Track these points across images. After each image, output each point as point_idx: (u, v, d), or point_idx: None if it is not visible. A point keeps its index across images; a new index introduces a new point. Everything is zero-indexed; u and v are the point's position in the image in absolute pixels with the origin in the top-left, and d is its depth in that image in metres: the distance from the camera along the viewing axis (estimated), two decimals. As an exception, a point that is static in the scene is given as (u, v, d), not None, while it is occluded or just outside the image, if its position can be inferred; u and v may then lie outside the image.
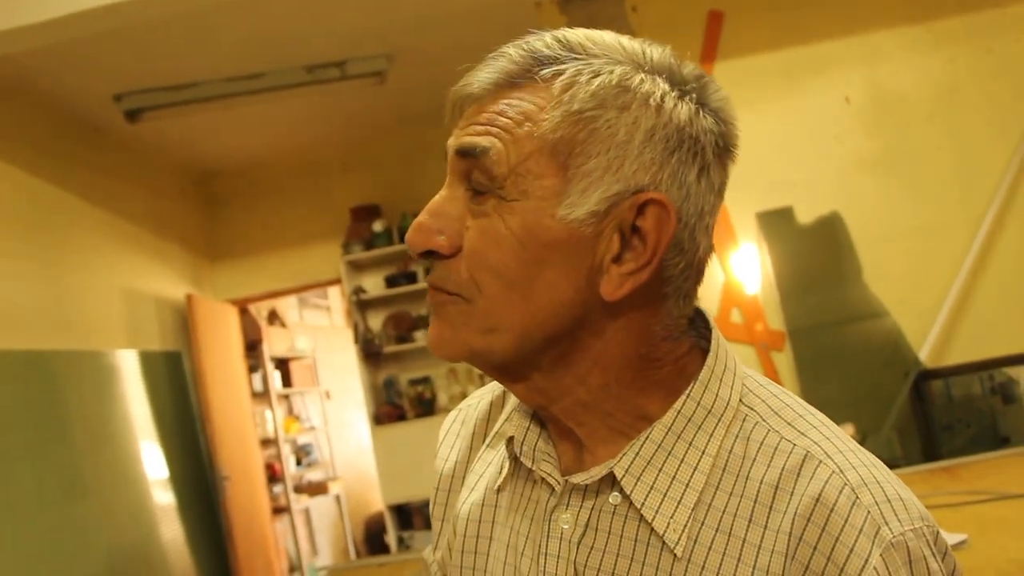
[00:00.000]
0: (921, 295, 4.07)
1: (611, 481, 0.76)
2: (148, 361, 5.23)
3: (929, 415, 3.95)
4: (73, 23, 3.61)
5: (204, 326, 5.60)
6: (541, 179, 0.71)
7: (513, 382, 0.78)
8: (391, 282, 5.91)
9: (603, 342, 0.75)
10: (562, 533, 0.78)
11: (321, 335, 8.12)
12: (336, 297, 8.42)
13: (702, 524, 0.72)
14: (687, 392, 0.76)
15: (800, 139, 4.25)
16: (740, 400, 0.77)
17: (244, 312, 6.48)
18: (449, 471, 0.96)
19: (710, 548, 0.71)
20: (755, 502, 0.71)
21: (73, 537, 4.16)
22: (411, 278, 5.87)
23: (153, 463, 5.00)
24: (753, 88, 4.26)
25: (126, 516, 4.64)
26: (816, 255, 4.18)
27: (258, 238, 6.25)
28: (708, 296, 4.14)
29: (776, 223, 4.18)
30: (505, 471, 0.86)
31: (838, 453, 0.71)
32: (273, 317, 7.08)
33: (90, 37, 3.84)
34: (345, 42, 4.67)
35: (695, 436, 0.75)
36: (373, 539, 7.53)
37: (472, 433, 0.96)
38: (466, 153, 0.72)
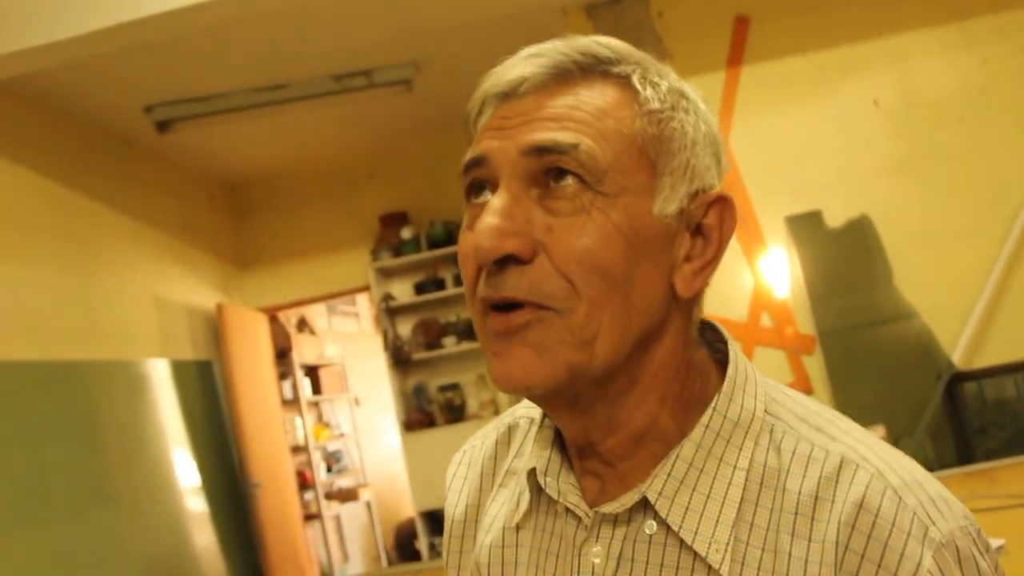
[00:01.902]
0: (953, 297, 4.04)
1: (643, 507, 0.72)
2: (179, 370, 5.28)
3: (962, 418, 3.92)
4: (103, 38, 3.65)
5: (234, 335, 5.64)
6: (636, 176, 0.69)
7: (573, 414, 0.73)
8: (420, 289, 5.93)
9: (663, 350, 0.73)
10: (593, 568, 0.73)
11: (350, 342, 8.16)
12: (364, 304, 8.45)
13: (746, 543, 0.69)
14: (712, 405, 0.73)
15: (829, 143, 4.23)
16: (765, 410, 0.75)
17: (273, 320, 6.53)
18: (460, 516, 0.91)
19: (758, 568, 0.68)
20: (796, 514, 0.69)
21: (106, 545, 4.21)
22: (440, 285, 5.89)
23: (185, 471, 5.04)
24: (781, 92, 4.25)
25: (158, 524, 4.68)
26: (846, 258, 4.16)
27: (287, 246, 6.29)
28: (738, 301, 4.13)
29: (805, 227, 4.17)
30: (523, 506, 0.80)
31: (875, 456, 0.70)
32: (302, 324, 7.13)
33: (120, 50, 3.89)
34: (372, 51, 4.69)
35: (725, 451, 0.72)
36: (404, 545, 7.53)
37: (480, 474, 0.91)
38: (547, 150, 0.68)
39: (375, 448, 8.21)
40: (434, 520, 5.82)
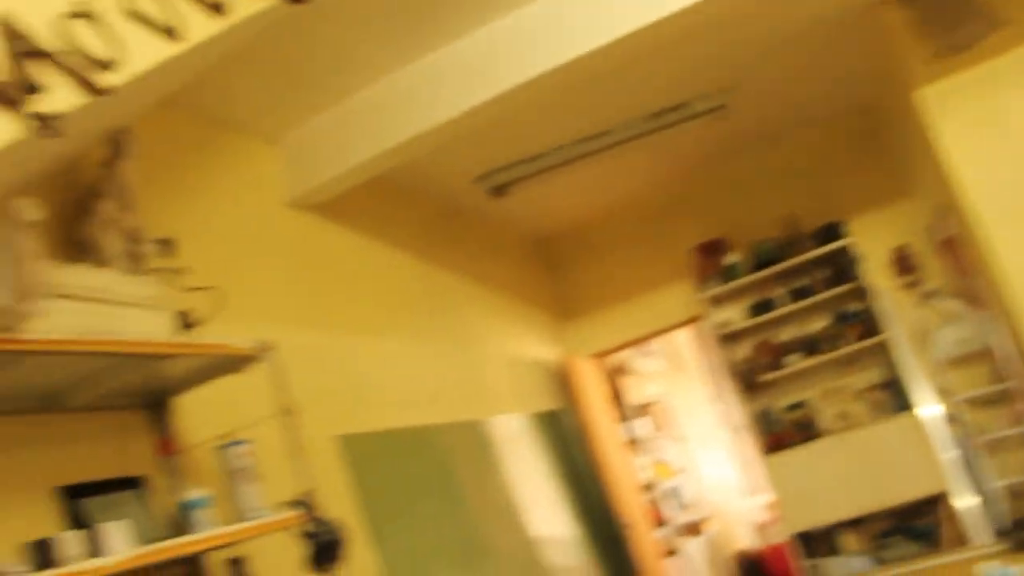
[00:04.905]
0: None
1: None
2: (536, 422, 5.48)
3: None
4: (447, 129, 3.91)
5: (579, 383, 5.83)
6: None
7: None
8: (754, 311, 5.88)
9: None
10: None
11: (662, 379, 8.21)
12: (657, 342, 8.47)
13: None
14: None
15: None
16: None
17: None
18: None
19: None
20: None
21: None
22: (770, 304, 5.82)
23: (556, 518, 5.19)
24: None
25: (533, 571, 4.77)
26: None
27: (604, 291, 6.46)
28: None
29: None
30: None
31: None
32: (622, 368, 7.25)
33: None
34: (685, 83, 4.77)
35: None
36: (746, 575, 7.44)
37: None
38: None
39: (702, 480, 8.15)
40: (808, 541, 5.67)
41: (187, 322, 2.44)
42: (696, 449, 8.23)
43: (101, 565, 1.74)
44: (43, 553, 1.74)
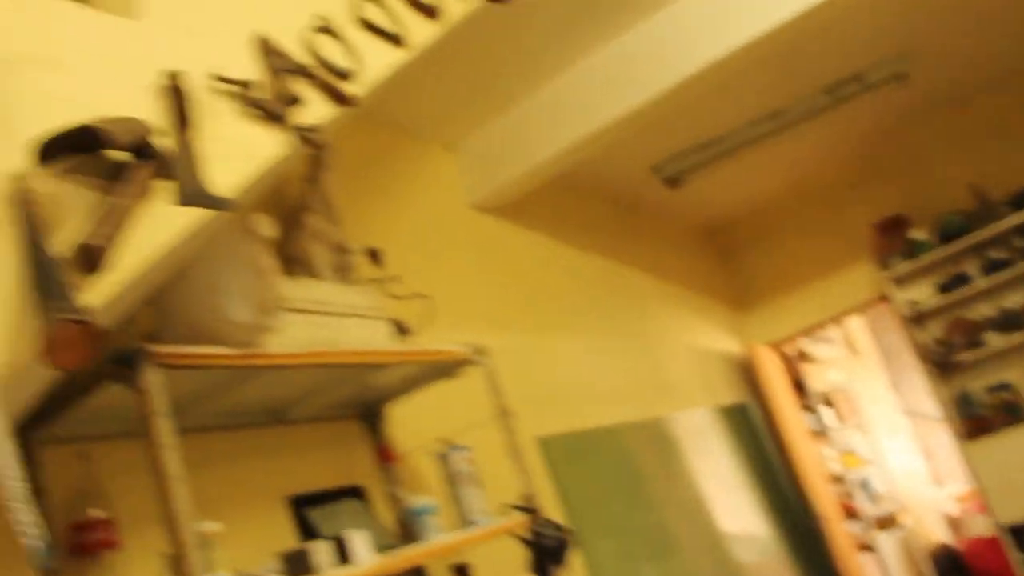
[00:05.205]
0: None
1: None
2: (721, 415, 5.34)
3: None
4: (624, 124, 3.84)
5: (764, 373, 5.65)
6: None
7: None
8: (945, 288, 5.53)
9: None
10: None
11: (839, 366, 7.88)
12: (831, 329, 8.12)
13: None
14: None
15: None
16: None
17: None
18: None
19: None
20: None
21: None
22: (963, 279, 5.46)
23: (747, 513, 5.04)
24: None
25: (724, 568, 4.64)
26: None
27: (779, 277, 6.25)
28: None
29: None
30: None
31: None
32: (801, 355, 6.99)
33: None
34: (861, 51, 4.54)
35: None
36: (944, 572, 7.02)
37: None
38: None
39: (889, 470, 7.78)
40: (1019, 534, 5.28)
41: (402, 330, 2.46)
42: (880, 438, 7.87)
43: (353, 574, 1.75)
44: (297, 562, 1.77)
